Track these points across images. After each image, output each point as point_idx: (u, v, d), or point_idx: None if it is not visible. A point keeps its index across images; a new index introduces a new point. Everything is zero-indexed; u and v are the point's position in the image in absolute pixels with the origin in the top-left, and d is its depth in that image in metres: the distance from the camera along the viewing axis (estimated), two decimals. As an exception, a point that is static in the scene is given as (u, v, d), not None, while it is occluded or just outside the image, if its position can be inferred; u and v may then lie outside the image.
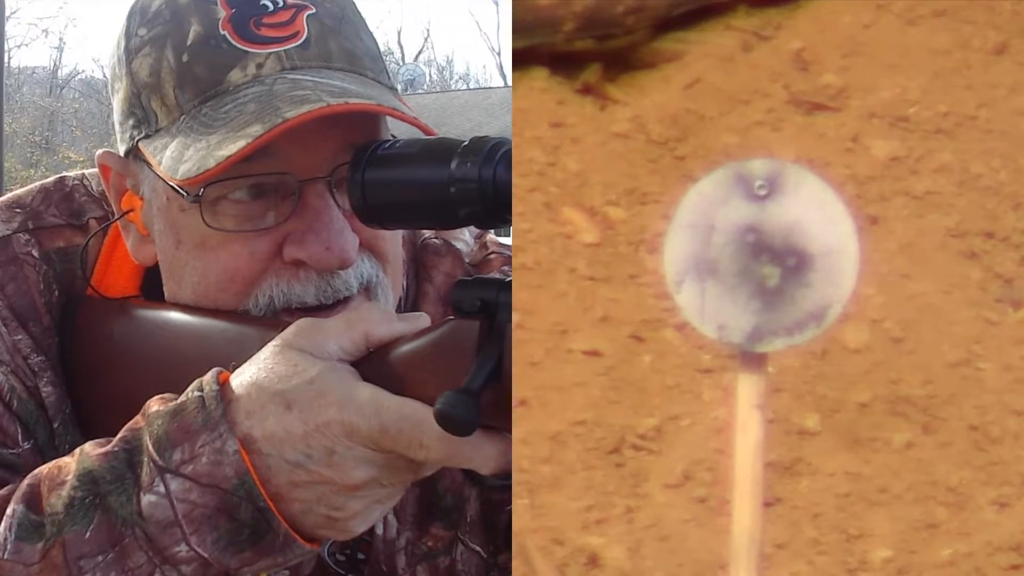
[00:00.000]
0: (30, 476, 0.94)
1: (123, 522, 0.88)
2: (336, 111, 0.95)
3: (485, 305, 0.86)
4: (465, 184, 0.85)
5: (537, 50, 1.51)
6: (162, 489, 0.87)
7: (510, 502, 1.19)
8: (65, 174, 1.20)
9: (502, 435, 0.87)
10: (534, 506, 1.25)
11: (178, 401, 0.90)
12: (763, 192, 0.95)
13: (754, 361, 0.97)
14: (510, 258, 1.26)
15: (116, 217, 1.10)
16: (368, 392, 0.86)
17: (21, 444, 1.07)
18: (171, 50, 1.01)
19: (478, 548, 1.21)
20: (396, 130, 1.05)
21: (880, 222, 1.42)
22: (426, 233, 1.24)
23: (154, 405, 0.91)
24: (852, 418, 1.32)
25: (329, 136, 0.98)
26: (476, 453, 0.85)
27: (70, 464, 0.92)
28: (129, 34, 1.05)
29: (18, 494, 0.93)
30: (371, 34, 1.08)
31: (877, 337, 1.36)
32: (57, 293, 1.10)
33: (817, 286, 0.95)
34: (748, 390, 0.98)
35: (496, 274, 1.23)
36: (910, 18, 1.57)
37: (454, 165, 0.86)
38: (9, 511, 0.92)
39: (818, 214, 0.95)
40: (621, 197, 1.45)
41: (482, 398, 0.82)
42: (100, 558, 0.88)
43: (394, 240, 1.07)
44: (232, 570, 0.89)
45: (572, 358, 1.34)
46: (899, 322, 1.37)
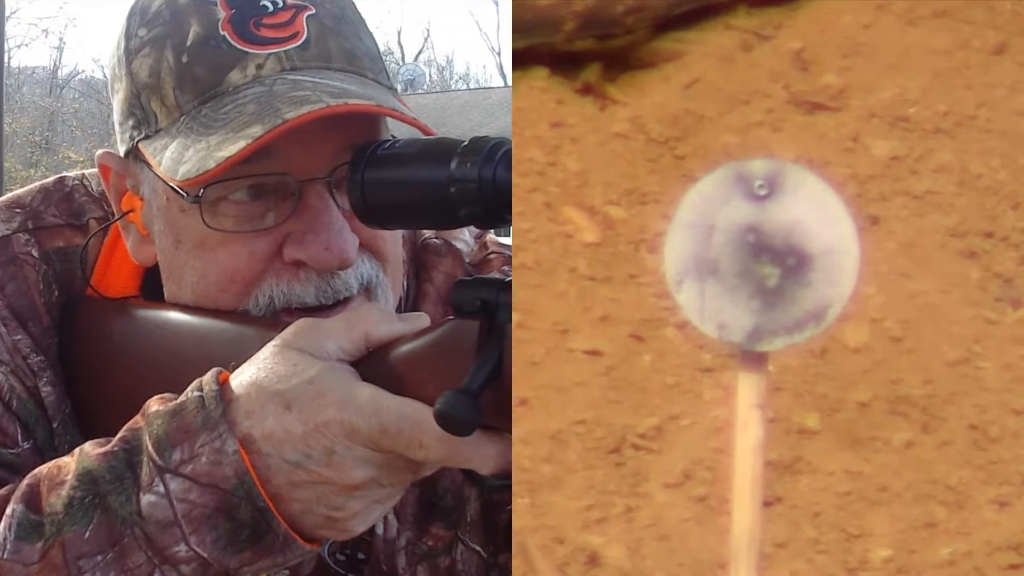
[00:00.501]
0: (29, 476, 0.94)
1: (123, 522, 0.88)
2: (336, 112, 0.95)
3: (485, 305, 0.86)
4: (465, 184, 0.85)
5: (537, 50, 1.51)
6: (161, 489, 0.87)
7: (510, 502, 1.19)
8: (65, 174, 1.20)
9: (502, 435, 0.87)
10: (534, 505, 1.25)
11: (178, 401, 0.90)
12: (763, 192, 0.96)
13: (754, 360, 0.98)
14: (510, 258, 1.26)
15: (116, 217, 1.10)
16: (368, 392, 0.86)
17: (21, 444, 1.07)
18: (171, 51, 1.01)
19: (478, 548, 1.21)
20: (396, 130, 1.05)
21: (880, 222, 1.42)
22: (426, 233, 1.24)
23: (154, 405, 0.91)
24: (852, 417, 1.32)
25: (329, 137, 0.98)
26: (476, 453, 0.85)
27: (70, 464, 0.92)
28: (129, 35, 1.05)
29: (17, 494, 0.93)
30: (371, 34, 1.08)
31: (877, 336, 1.36)
32: (57, 293, 1.10)
33: (817, 286, 0.95)
34: (748, 389, 0.98)
35: (496, 274, 1.23)
36: (910, 18, 1.57)
37: (454, 165, 0.85)
38: (8, 511, 0.92)
39: (818, 214, 0.95)
40: (621, 197, 1.45)
41: (482, 398, 0.82)
42: (99, 558, 0.88)
43: (394, 240, 1.07)
44: (232, 570, 0.89)
45: (572, 358, 1.35)
46: (899, 321, 1.37)
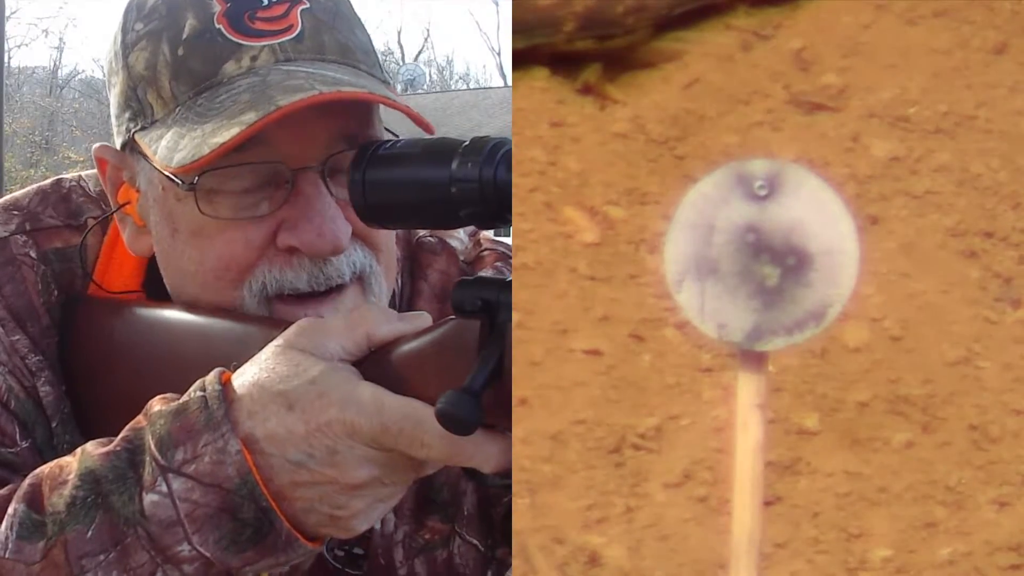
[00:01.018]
0: (31, 475, 0.94)
1: (125, 521, 0.88)
2: (328, 99, 0.96)
3: (486, 305, 0.86)
4: (466, 184, 0.85)
5: (537, 50, 1.51)
6: (164, 488, 0.88)
7: (507, 496, 1.19)
8: (62, 176, 1.20)
9: (503, 434, 0.87)
10: (535, 505, 1.26)
11: (180, 401, 0.90)
12: (763, 192, 0.96)
13: (754, 360, 0.98)
14: (503, 254, 1.26)
15: (113, 210, 1.10)
16: (369, 391, 0.86)
17: (19, 443, 1.07)
18: (167, 44, 1.02)
19: (475, 541, 1.21)
20: (397, 130, 1.05)
21: (880, 222, 1.42)
22: (421, 231, 1.24)
23: (156, 405, 0.91)
24: (852, 417, 1.32)
25: (322, 126, 1.00)
26: (478, 452, 0.86)
27: (72, 463, 0.92)
28: (126, 29, 1.06)
29: (19, 493, 0.93)
30: (365, 30, 1.08)
31: (877, 336, 1.36)
32: (56, 293, 1.11)
33: (817, 285, 0.95)
34: (748, 389, 0.98)
35: (490, 270, 1.23)
36: (910, 18, 1.57)
37: (455, 165, 0.86)
38: (10, 510, 0.92)
39: (818, 214, 0.95)
40: (621, 197, 1.45)
41: (483, 397, 0.83)
42: (102, 557, 0.88)
43: (388, 232, 1.07)
44: (234, 569, 0.89)
45: (572, 358, 1.35)
46: (899, 321, 1.37)
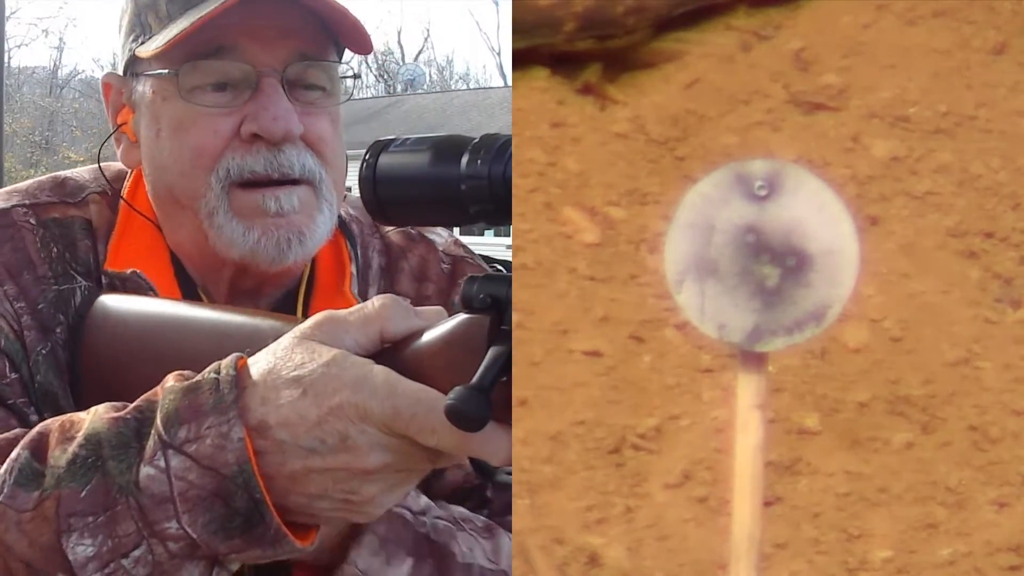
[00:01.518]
0: (41, 424, 0.96)
1: (119, 489, 0.90)
2: None
3: (495, 301, 0.87)
4: (475, 181, 0.86)
5: (537, 50, 1.52)
6: (162, 464, 0.89)
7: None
8: (58, 173, 1.29)
9: (512, 429, 0.87)
10: (534, 506, 1.26)
11: (194, 379, 0.91)
12: (763, 192, 0.96)
13: (754, 361, 0.97)
14: (479, 265, 1.32)
15: (113, 131, 1.24)
16: (383, 374, 0.87)
17: (8, 375, 1.12)
18: None
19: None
20: (397, 129, 1.06)
21: (880, 222, 1.42)
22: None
23: (171, 380, 0.93)
24: (852, 418, 1.32)
25: (284, 43, 1.16)
26: (486, 445, 0.86)
27: (83, 421, 0.94)
28: None
29: (26, 440, 0.95)
30: None
31: (877, 337, 1.36)
32: (55, 250, 1.18)
33: (817, 286, 0.95)
34: (748, 390, 0.98)
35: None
36: (910, 18, 1.57)
37: (464, 162, 0.86)
38: (13, 455, 0.94)
39: (818, 214, 0.95)
40: (621, 197, 1.45)
41: (492, 393, 0.83)
42: (91, 519, 0.90)
43: (335, 149, 1.20)
44: (220, 555, 0.90)
45: (572, 358, 1.35)
46: (899, 322, 1.37)
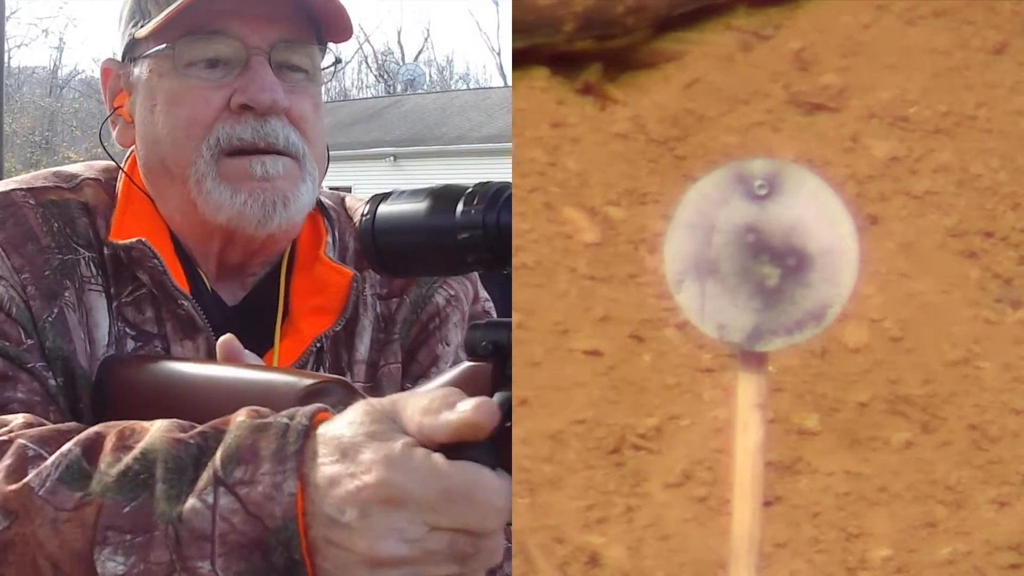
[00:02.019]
0: (101, 425, 0.93)
1: (161, 514, 0.86)
2: None
3: (497, 348, 0.87)
4: (470, 231, 0.86)
5: (537, 50, 1.52)
6: (211, 500, 0.85)
7: None
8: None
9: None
10: (535, 505, 1.26)
11: (264, 420, 0.87)
12: (763, 192, 0.96)
13: (754, 360, 0.98)
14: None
15: (110, 114, 1.30)
16: (421, 454, 0.82)
17: (24, 341, 1.15)
18: None
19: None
20: (397, 129, 1.06)
21: (880, 222, 1.42)
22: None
23: (243, 415, 0.89)
24: (852, 417, 1.32)
25: (273, 27, 1.23)
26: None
27: (143, 433, 0.90)
28: None
29: (81, 436, 0.91)
30: None
31: (876, 336, 1.36)
32: (56, 224, 1.22)
33: (817, 286, 0.95)
34: (748, 389, 0.98)
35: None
36: (910, 18, 1.57)
37: (459, 211, 0.87)
38: (64, 449, 0.90)
39: (818, 214, 0.95)
40: (621, 197, 1.46)
41: (496, 440, 0.83)
42: (128, 537, 0.86)
43: (317, 130, 1.26)
44: None
45: (572, 358, 1.35)
46: (898, 321, 1.37)
